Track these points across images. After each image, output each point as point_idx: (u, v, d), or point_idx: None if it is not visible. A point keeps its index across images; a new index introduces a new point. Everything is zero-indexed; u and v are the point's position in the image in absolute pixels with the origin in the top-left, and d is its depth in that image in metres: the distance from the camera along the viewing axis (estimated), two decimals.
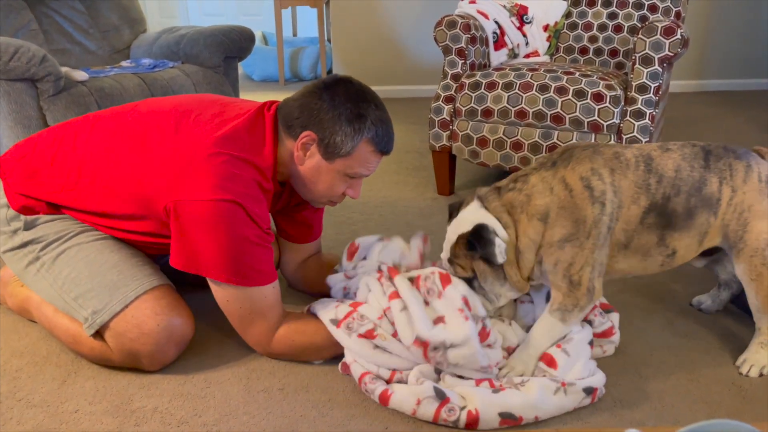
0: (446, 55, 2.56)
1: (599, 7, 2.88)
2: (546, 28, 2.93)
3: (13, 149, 1.57)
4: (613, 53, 2.83)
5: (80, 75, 2.53)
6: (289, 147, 1.46)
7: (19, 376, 1.45)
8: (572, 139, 2.35)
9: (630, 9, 2.81)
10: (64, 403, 1.36)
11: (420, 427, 1.28)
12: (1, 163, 1.56)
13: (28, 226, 1.50)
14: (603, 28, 2.85)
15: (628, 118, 2.29)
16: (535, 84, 2.38)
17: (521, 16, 2.89)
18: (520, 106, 2.39)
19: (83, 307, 1.43)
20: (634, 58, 2.29)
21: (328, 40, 5.48)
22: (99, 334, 1.44)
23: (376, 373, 1.38)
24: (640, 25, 2.70)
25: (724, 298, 1.70)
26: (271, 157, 1.44)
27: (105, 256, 1.46)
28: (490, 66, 2.72)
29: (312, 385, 1.42)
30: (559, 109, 2.34)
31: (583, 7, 2.91)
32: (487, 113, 2.45)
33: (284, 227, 1.74)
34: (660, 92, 2.31)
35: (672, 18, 2.67)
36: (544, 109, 2.36)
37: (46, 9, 2.93)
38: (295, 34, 6.24)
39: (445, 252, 1.46)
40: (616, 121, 2.29)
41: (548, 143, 2.38)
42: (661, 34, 2.23)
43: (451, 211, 1.51)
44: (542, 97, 2.36)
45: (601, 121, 2.30)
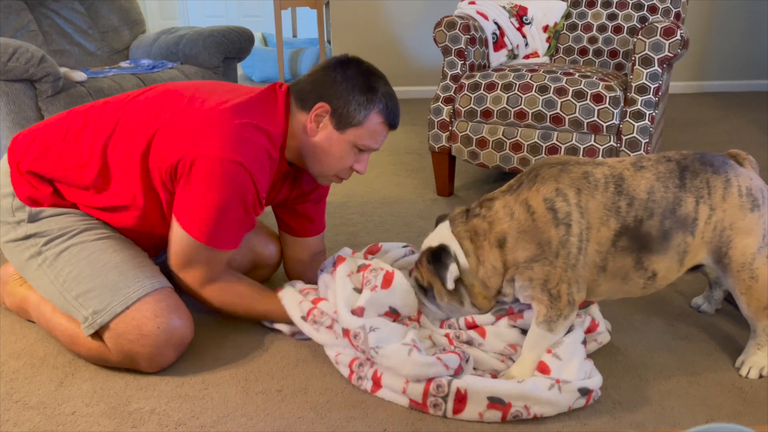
0: (446, 55, 2.56)
1: (599, 8, 2.87)
2: (545, 28, 2.92)
3: (22, 134, 1.58)
4: (613, 54, 2.83)
5: (79, 75, 2.53)
6: (300, 120, 1.51)
7: (16, 378, 1.45)
8: (572, 140, 2.35)
9: (630, 10, 2.81)
10: (61, 404, 1.35)
11: (419, 429, 1.28)
12: (12, 148, 1.56)
13: (32, 219, 1.50)
14: (603, 29, 2.85)
15: (627, 119, 2.29)
16: (535, 85, 2.38)
17: (521, 17, 2.89)
18: (519, 107, 2.39)
19: (84, 306, 1.43)
20: (633, 58, 2.29)
21: (328, 41, 5.48)
22: (97, 335, 1.44)
23: (361, 356, 1.43)
24: (639, 26, 2.69)
25: (719, 297, 1.70)
26: (281, 126, 1.49)
27: (107, 256, 1.46)
28: (489, 67, 2.72)
29: (310, 386, 1.41)
30: (558, 110, 2.33)
31: (583, 8, 2.90)
32: (487, 114, 2.45)
33: (286, 220, 1.75)
34: (660, 93, 2.31)
35: (672, 19, 2.66)
36: (544, 110, 2.35)
37: (45, 10, 2.92)
38: (294, 35, 6.24)
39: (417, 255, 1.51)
40: (616, 122, 2.29)
41: (547, 144, 2.38)
42: (660, 35, 2.23)
43: (437, 222, 1.56)
44: (542, 98, 2.35)
45: (601, 122, 2.29)
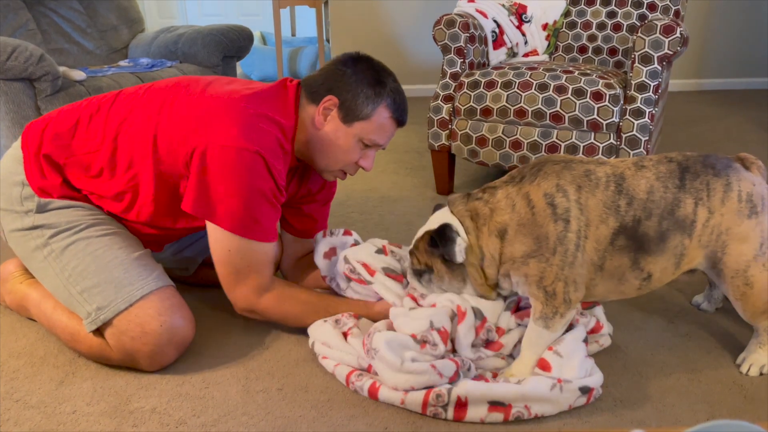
0: (445, 54, 2.56)
1: (598, 5, 2.87)
2: (545, 26, 2.92)
3: (35, 122, 1.58)
4: (612, 52, 2.83)
5: (78, 74, 2.53)
6: (309, 113, 1.52)
7: (16, 377, 1.44)
8: (571, 138, 2.35)
9: (629, 8, 2.81)
10: (61, 404, 1.35)
11: (419, 428, 1.28)
12: (26, 135, 1.56)
13: (40, 209, 1.50)
14: (602, 26, 2.85)
15: (627, 116, 2.29)
16: (534, 83, 2.38)
17: (520, 15, 2.88)
18: (519, 105, 2.39)
19: (88, 301, 1.43)
20: (633, 56, 2.29)
21: (327, 40, 5.47)
22: (99, 332, 1.44)
23: (357, 365, 1.41)
24: (639, 24, 2.70)
25: (718, 296, 1.70)
26: (292, 118, 1.50)
27: (113, 253, 1.47)
28: (489, 65, 2.72)
29: (311, 385, 1.41)
30: (558, 108, 2.33)
31: (582, 5, 2.90)
32: (486, 112, 2.44)
33: (290, 220, 1.75)
34: (659, 91, 2.31)
35: (671, 16, 2.66)
36: (543, 108, 2.35)
37: (44, 9, 2.92)
38: (293, 34, 6.23)
39: (412, 244, 1.51)
40: (616, 119, 2.29)
41: (547, 142, 2.38)
42: (660, 33, 2.23)
43: (434, 210, 1.56)
44: (541, 96, 2.35)
45: (601, 120, 2.29)
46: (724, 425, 0.50)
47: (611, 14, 2.84)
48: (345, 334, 1.48)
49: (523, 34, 2.88)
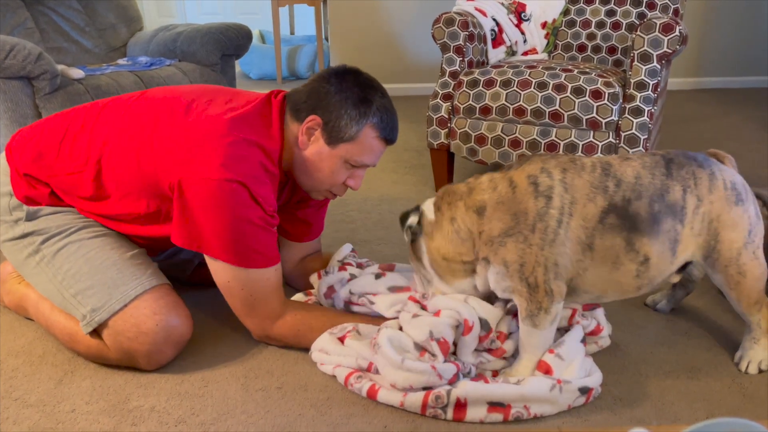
0: (444, 52, 2.55)
1: (597, 4, 2.87)
2: (544, 25, 2.92)
3: (20, 134, 1.57)
4: (612, 50, 2.83)
5: (76, 73, 2.52)
6: (294, 131, 1.48)
7: (15, 376, 1.44)
8: (570, 137, 2.35)
9: (628, 6, 2.81)
10: (60, 402, 1.35)
11: (419, 426, 1.28)
12: (9, 147, 1.55)
13: (30, 217, 1.49)
14: (601, 25, 2.85)
15: (626, 115, 2.29)
16: (534, 81, 2.37)
17: (519, 13, 2.88)
18: (518, 104, 2.38)
19: (82, 304, 1.42)
20: (632, 55, 2.29)
21: (326, 38, 5.46)
22: (96, 333, 1.44)
23: (356, 366, 1.40)
24: (638, 22, 2.69)
25: (679, 298, 1.70)
26: (277, 140, 1.46)
27: (106, 254, 1.46)
28: (488, 63, 2.72)
29: (310, 383, 1.41)
30: (557, 107, 2.33)
31: (581, 4, 2.90)
32: (485, 111, 2.44)
33: (284, 226, 1.72)
34: (658, 89, 2.31)
35: (670, 15, 2.66)
36: (543, 107, 2.35)
37: (42, 7, 2.91)
38: (292, 33, 6.22)
39: None
40: (615, 118, 2.29)
41: (546, 141, 2.37)
42: (659, 31, 2.22)
43: None
44: (540, 95, 2.35)
45: (600, 119, 2.29)
46: (726, 423, 0.50)
47: (610, 13, 2.84)
48: (341, 339, 1.47)
49: (522, 33, 2.88)
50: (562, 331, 1.47)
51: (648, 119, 2.27)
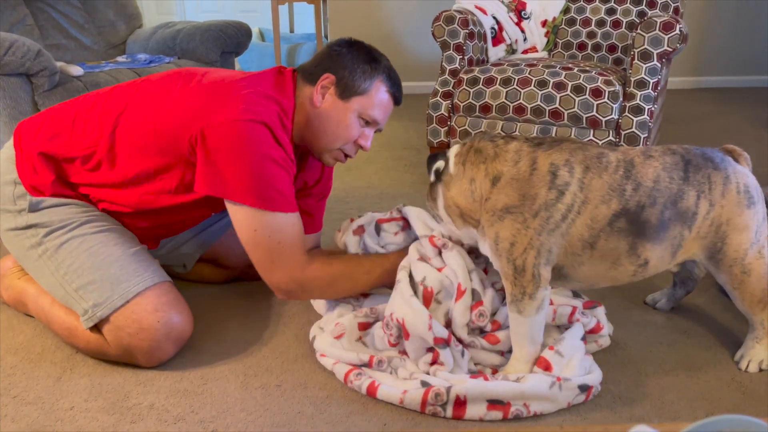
0: (444, 50, 2.55)
1: (597, 2, 2.87)
2: (544, 23, 2.92)
3: (29, 120, 1.57)
4: (612, 49, 2.83)
5: (75, 70, 2.52)
6: (307, 93, 1.53)
7: (14, 373, 1.44)
8: (570, 135, 2.34)
9: (628, 5, 2.80)
10: (59, 400, 1.35)
11: (418, 424, 1.28)
12: (18, 133, 1.55)
13: (32, 208, 1.49)
14: (601, 23, 2.84)
15: (626, 113, 2.28)
16: (534, 80, 2.37)
17: (519, 11, 2.88)
18: (518, 102, 2.38)
19: (84, 299, 1.42)
20: (632, 53, 2.28)
21: (326, 37, 5.46)
22: (96, 328, 1.44)
23: (357, 361, 1.41)
24: (638, 21, 2.69)
25: (679, 296, 1.70)
26: (291, 99, 1.51)
27: (109, 249, 1.46)
28: (488, 62, 2.71)
29: (310, 381, 1.41)
30: (557, 105, 2.33)
31: (582, 2, 2.90)
32: (485, 109, 2.44)
33: None
34: (658, 88, 2.30)
35: (670, 13, 2.66)
36: (543, 105, 2.35)
37: (41, 4, 2.91)
38: (292, 31, 6.22)
39: None
40: (615, 116, 2.29)
41: None
42: (659, 30, 2.22)
43: None
44: (540, 93, 2.35)
45: (600, 117, 2.29)
46: (729, 420, 0.50)
47: (610, 11, 2.84)
48: (338, 337, 1.47)
49: (522, 31, 2.88)
50: (563, 328, 1.47)
51: (648, 118, 2.27)
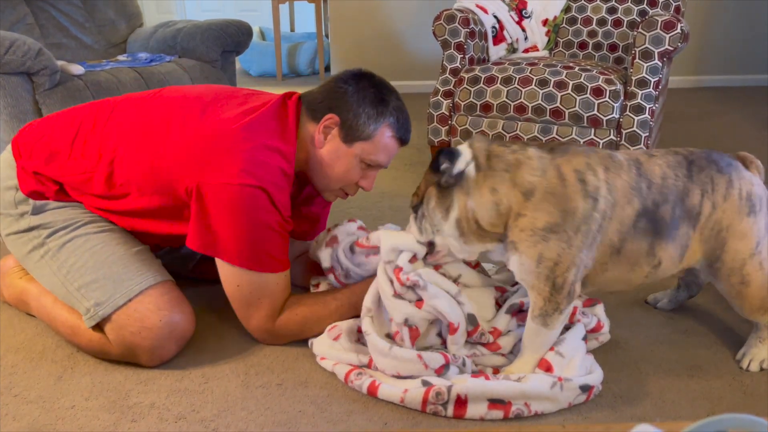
0: (445, 49, 2.55)
1: (598, 1, 2.87)
2: (545, 22, 2.91)
3: (29, 128, 1.56)
4: (613, 48, 2.82)
5: (76, 69, 2.51)
6: (310, 131, 1.49)
7: (15, 372, 1.44)
8: (571, 134, 2.34)
9: (629, 3, 2.80)
10: (60, 399, 1.35)
11: (419, 423, 1.28)
12: (16, 143, 1.55)
13: (36, 211, 1.49)
14: (602, 22, 2.84)
15: (627, 112, 2.28)
16: (535, 78, 2.37)
17: (520, 10, 2.88)
18: (519, 101, 2.38)
19: (86, 297, 1.42)
20: (633, 52, 2.28)
21: (326, 36, 5.46)
22: (99, 327, 1.44)
23: (357, 362, 1.41)
24: (639, 20, 2.69)
25: (681, 299, 1.70)
26: (293, 141, 1.46)
27: (111, 249, 1.46)
28: (488, 61, 2.71)
29: (311, 380, 1.41)
30: (558, 104, 2.33)
31: (582, 1, 2.90)
32: (486, 108, 2.44)
33: None
34: (659, 87, 2.30)
35: (672, 12, 2.66)
36: (544, 104, 2.35)
37: (42, 3, 2.91)
38: (292, 30, 6.21)
39: None
40: (616, 115, 2.28)
41: (547, 138, 2.37)
42: (661, 29, 2.22)
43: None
44: (541, 92, 2.35)
45: (601, 116, 2.29)
46: (731, 419, 0.50)
47: (612, 10, 2.83)
48: (336, 338, 1.47)
49: (523, 30, 2.87)
50: (563, 328, 1.47)
51: (649, 117, 2.27)
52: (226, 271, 1.42)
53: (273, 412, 1.31)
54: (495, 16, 2.74)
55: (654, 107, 2.28)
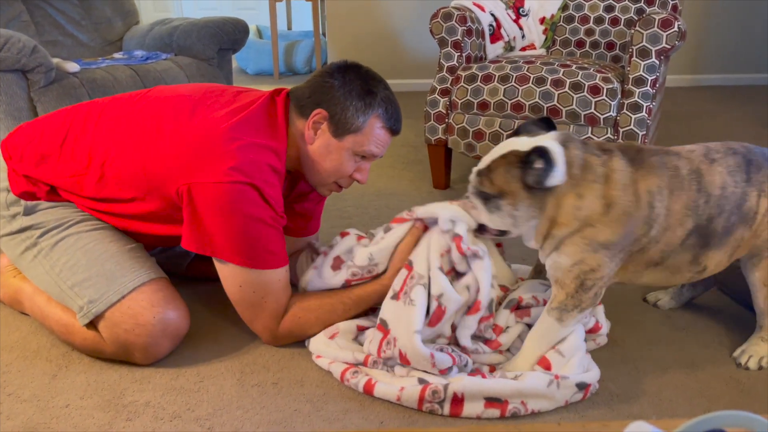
0: (442, 47, 2.54)
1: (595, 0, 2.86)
2: (542, 20, 2.91)
3: (18, 132, 1.55)
4: (610, 46, 2.82)
5: (72, 66, 2.51)
6: (299, 127, 1.48)
7: (9, 371, 1.43)
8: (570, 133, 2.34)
9: (627, 2, 2.79)
10: (54, 397, 1.34)
11: (415, 422, 1.27)
12: (6, 145, 1.54)
13: (28, 212, 1.49)
14: (599, 20, 2.84)
15: (625, 111, 2.28)
16: (532, 76, 2.36)
17: (517, 8, 2.87)
18: (516, 99, 2.38)
19: (79, 295, 1.41)
20: (631, 50, 2.28)
21: (323, 34, 5.45)
22: (92, 325, 1.43)
23: (353, 360, 1.40)
24: (636, 18, 2.68)
25: (684, 298, 1.70)
26: (284, 138, 1.45)
27: (104, 246, 1.45)
28: (486, 59, 2.71)
29: (306, 379, 1.40)
30: (555, 102, 2.32)
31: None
32: (484, 106, 2.43)
33: None
34: (657, 85, 2.30)
35: (669, 11, 2.65)
36: (541, 102, 2.34)
37: (38, 1, 2.90)
38: (289, 28, 6.20)
39: (482, 164, 1.33)
40: (613, 114, 2.28)
41: None
42: (658, 27, 2.22)
43: (518, 130, 1.39)
44: (539, 90, 2.34)
45: (598, 114, 2.28)
46: (728, 416, 0.50)
47: (609, 8, 2.83)
48: (332, 337, 1.47)
49: (521, 28, 2.87)
50: None
51: (646, 115, 2.26)
52: (226, 272, 1.41)
53: (268, 411, 1.30)
54: (492, 14, 2.74)
55: (651, 105, 2.27)
